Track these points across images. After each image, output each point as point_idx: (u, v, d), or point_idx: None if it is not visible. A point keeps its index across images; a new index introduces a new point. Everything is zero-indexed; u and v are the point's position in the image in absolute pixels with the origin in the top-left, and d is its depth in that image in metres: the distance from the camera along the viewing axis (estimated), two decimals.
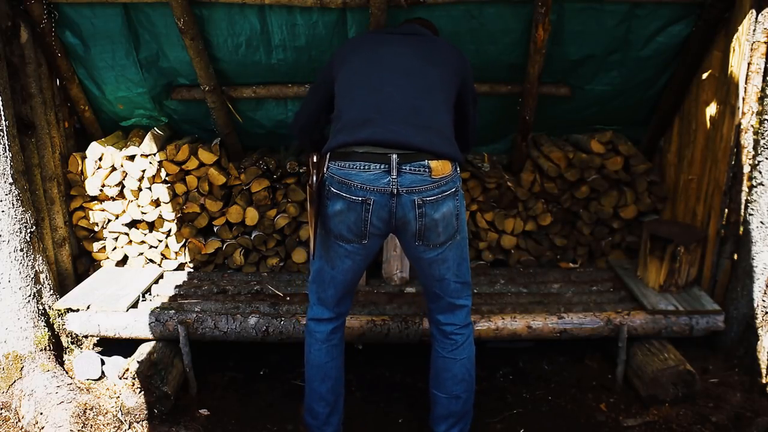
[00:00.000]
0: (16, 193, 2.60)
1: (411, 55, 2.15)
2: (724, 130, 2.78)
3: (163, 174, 3.15)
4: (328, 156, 2.03)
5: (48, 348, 2.69)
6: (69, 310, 2.80)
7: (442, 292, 2.18)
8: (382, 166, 1.95)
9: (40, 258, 2.75)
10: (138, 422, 2.46)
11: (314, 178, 2.00)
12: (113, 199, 3.21)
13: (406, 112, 2.02)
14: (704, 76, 2.94)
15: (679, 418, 2.50)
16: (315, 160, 2.01)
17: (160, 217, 3.22)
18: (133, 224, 3.28)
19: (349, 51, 2.22)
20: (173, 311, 2.77)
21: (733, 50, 2.69)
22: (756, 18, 2.60)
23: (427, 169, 1.96)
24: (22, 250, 2.62)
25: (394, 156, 1.94)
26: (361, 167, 1.96)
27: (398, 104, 2.03)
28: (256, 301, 2.93)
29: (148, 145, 3.11)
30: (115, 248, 3.31)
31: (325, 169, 2.02)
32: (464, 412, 2.28)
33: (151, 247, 3.32)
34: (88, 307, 2.79)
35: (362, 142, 1.97)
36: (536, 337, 2.74)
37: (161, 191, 3.14)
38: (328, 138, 2.14)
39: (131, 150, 3.10)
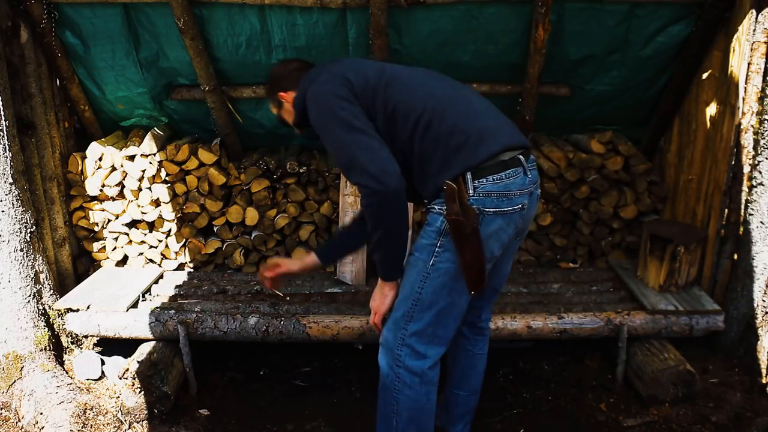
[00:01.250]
0: (16, 193, 2.60)
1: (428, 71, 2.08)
2: (724, 130, 2.78)
3: (163, 174, 3.15)
4: (469, 176, 1.79)
5: (48, 348, 2.69)
6: (69, 310, 2.80)
7: (500, 286, 2.17)
8: (521, 169, 1.86)
9: (40, 258, 2.75)
10: (138, 422, 2.47)
11: (460, 206, 1.77)
12: (113, 199, 3.21)
13: (501, 115, 1.95)
14: (704, 76, 2.94)
15: (679, 418, 2.50)
16: (455, 185, 1.77)
17: (160, 217, 3.22)
18: (133, 224, 3.28)
19: (386, 74, 1.92)
20: (173, 311, 2.77)
21: (733, 50, 2.69)
22: (756, 18, 2.60)
23: (535, 164, 1.95)
24: (22, 250, 2.62)
25: (521, 157, 1.87)
26: (514, 173, 1.83)
27: (492, 109, 1.95)
28: (256, 301, 2.93)
29: (148, 145, 3.11)
30: (115, 248, 3.32)
31: (471, 191, 1.79)
32: (475, 406, 2.33)
33: (151, 247, 3.32)
34: (88, 307, 2.79)
35: (506, 149, 1.84)
36: (536, 337, 2.74)
37: (161, 191, 3.14)
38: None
39: (131, 150, 3.10)
